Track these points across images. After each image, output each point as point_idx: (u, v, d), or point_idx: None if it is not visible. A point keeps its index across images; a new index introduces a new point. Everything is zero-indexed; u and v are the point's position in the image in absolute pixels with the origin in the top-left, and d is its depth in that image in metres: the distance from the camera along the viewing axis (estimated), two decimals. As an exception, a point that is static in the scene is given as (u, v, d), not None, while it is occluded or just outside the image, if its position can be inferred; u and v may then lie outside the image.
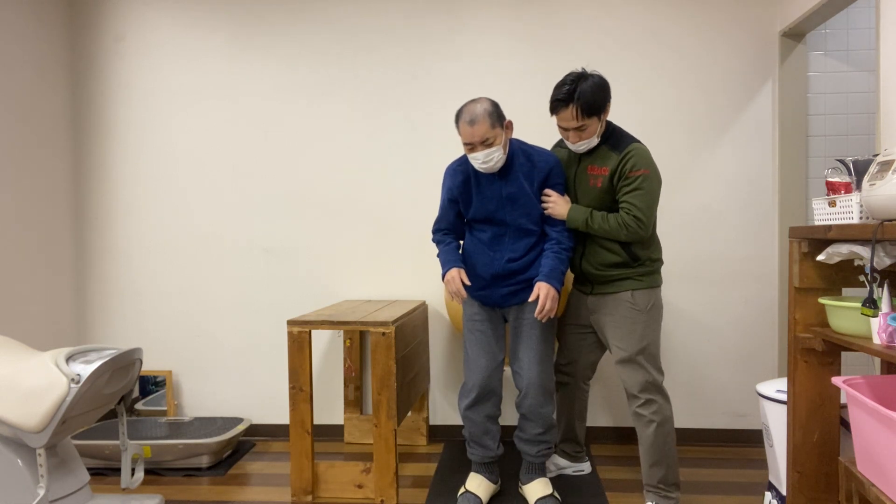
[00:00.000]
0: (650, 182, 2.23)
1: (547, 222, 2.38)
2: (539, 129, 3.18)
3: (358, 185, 3.30)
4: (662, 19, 3.14)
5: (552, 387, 2.39)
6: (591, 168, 2.32)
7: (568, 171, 2.42)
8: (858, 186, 1.88)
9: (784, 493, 2.19)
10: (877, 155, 1.77)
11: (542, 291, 2.24)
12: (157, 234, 3.39)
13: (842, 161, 1.95)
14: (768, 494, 2.33)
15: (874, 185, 1.63)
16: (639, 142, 2.28)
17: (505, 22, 3.20)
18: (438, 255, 2.45)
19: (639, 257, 2.32)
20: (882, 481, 1.53)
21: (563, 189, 2.39)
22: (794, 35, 3.06)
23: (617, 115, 3.14)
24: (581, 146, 2.30)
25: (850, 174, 1.92)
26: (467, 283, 2.32)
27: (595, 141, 2.29)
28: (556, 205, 2.33)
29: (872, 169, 1.69)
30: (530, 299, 2.27)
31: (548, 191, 2.35)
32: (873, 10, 3.13)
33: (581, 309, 2.50)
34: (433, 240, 2.51)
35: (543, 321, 2.34)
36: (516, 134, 3.19)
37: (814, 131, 3.15)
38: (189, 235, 3.38)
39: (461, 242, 2.50)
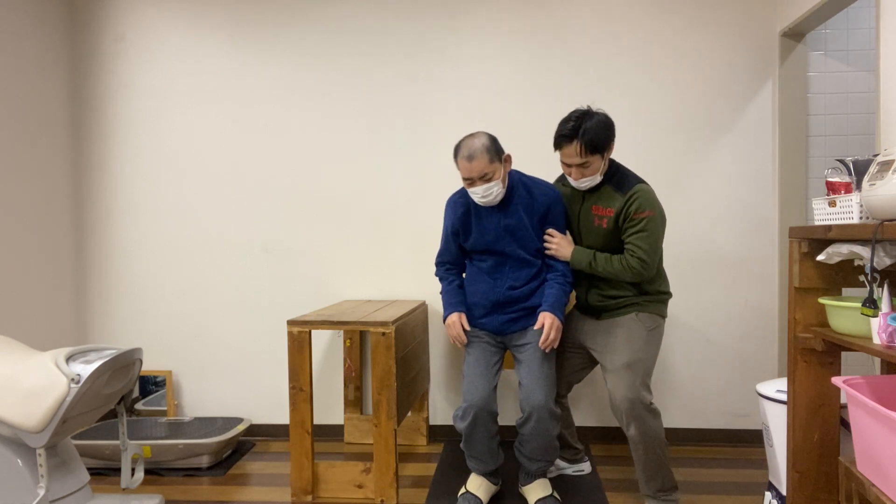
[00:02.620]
0: (654, 223, 2.24)
1: (549, 257, 2.41)
2: (540, 131, 3.18)
3: (358, 185, 3.30)
4: (662, 19, 3.14)
5: (557, 410, 2.32)
6: (596, 208, 2.33)
7: (571, 208, 2.42)
8: (858, 186, 1.88)
9: (784, 493, 2.19)
10: (877, 155, 1.77)
11: (547, 322, 2.27)
12: (157, 234, 3.39)
13: (842, 161, 1.95)
14: (768, 494, 2.33)
15: (874, 185, 1.63)
16: (643, 182, 2.29)
17: (504, 24, 3.20)
18: (441, 294, 2.50)
19: (647, 291, 2.35)
20: (882, 481, 1.53)
21: (565, 225, 2.42)
22: (794, 35, 3.06)
23: (618, 114, 3.14)
24: (584, 183, 2.30)
25: (850, 174, 1.92)
26: (467, 328, 2.37)
27: (598, 178, 2.30)
28: (560, 247, 2.36)
29: (872, 169, 1.69)
30: (535, 328, 2.30)
31: (550, 231, 2.38)
32: (873, 10, 3.13)
33: (575, 331, 2.49)
34: (436, 274, 2.55)
35: (547, 351, 2.35)
36: (515, 140, 3.19)
37: (814, 131, 3.15)
38: (189, 235, 3.38)
39: (464, 276, 2.52)
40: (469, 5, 3.22)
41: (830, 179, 1.97)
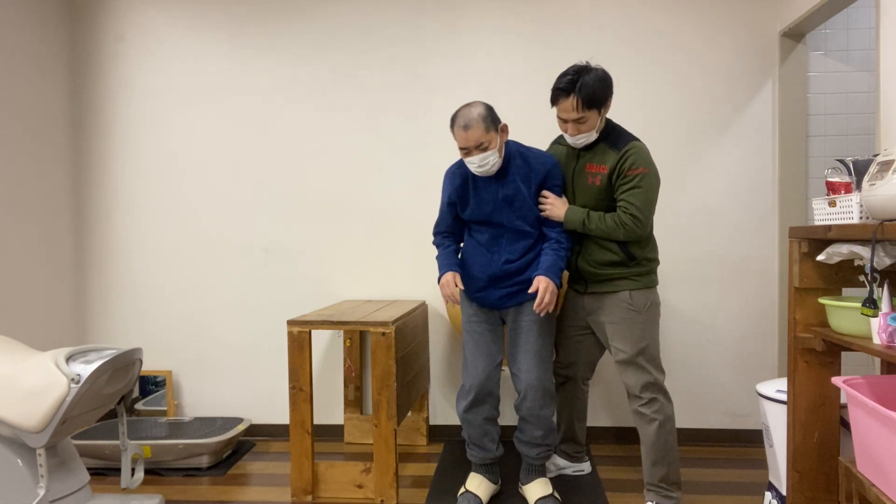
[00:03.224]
0: (649, 180, 2.23)
1: (545, 224, 2.38)
2: (537, 127, 3.18)
3: (358, 184, 3.30)
4: (662, 19, 3.14)
5: (552, 388, 2.38)
6: (590, 166, 2.32)
7: (566, 167, 2.41)
8: (858, 186, 1.88)
9: (784, 493, 2.19)
10: (877, 155, 1.77)
11: (542, 285, 2.24)
12: (157, 234, 3.39)
13: (842, 161, 1.95)
14: (768, 494, 2.33)
15: (874, 185, 1.63)
16: (638, 140, 2.27)
17: (504, 21, 3.20)
18: (437, 258, 2.47)
19: (635, 256, 2.32)
20: (882, 481, 1.53)
21: (561, 191, 2.39)
22: (794, 35, 3.06)
23: (617, 114, 3.14)
24: (579, 139, 2.29)
25: (850, 174, 1.92)
26: (461, 287, 2.33)
27: (594, 135, 2.28)
28: (554, 206, 2.33)
29: (872, 169, 1.69)
30: (529, 291, 2.27)
31: (545, 192, 2.36)
32: (873, 10, 3.13)
33: (578, 310, 2.49)
34: (433, 242, 2.53)
35: (542, 315, 2.33)
36: (515, 134, 3.19)
37: (814, 131, 3.15)
38: (189, 235, 3.38)
39: (461, 245, 2.51)
40: (469, 2, 3.22)
41: (830, 179, 1.97)
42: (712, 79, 3.13)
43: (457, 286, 2.31)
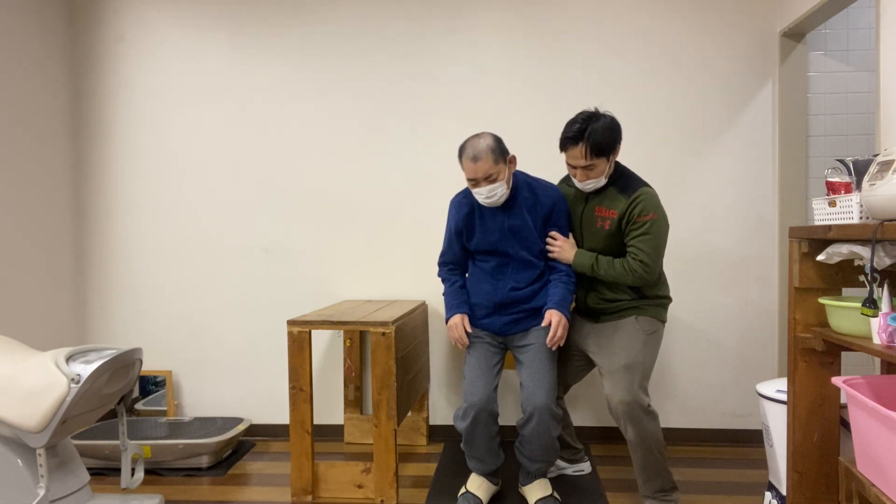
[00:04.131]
0: (658, 227, 2.24)
1: (551, 258, 2.42)
2: (539, 130, 3.18)
3: (358, 185, 3.30)
4: (662, 19, 3.14)
5: (558, 411, 2.32)
6: (599, 210, 2.33)
7: (575, 209, 2.42)
8: (858, 186, 1.88)
9: (784, 493, 2.19)
10: (877, 155, 1.77)
11: (555, 319, 2.27)
12: (157, 234, 3.39)
13: (842, 161, 1.95)
14: (768, 494, 2.33)
15: (874, 185, 1.63)
16: (648, 185, 2.29)
17: (503, 24, 3.20)
18: (444, 295, 2.49)
19: (646, 295, 2.35)
20: (882, 481, 1.53)
21: (567, 226, 2.41)
22: (794, 35, 3.06)
23: (618, 114, 3.13)
24: (588, 185, 2.30)
25: (850, 174, 1.92)
26: (469, 330, 2.37)
27: (603, 181, 2.30)
28: (562, 250, 2.36)
29: (872, 169, 1.69)
30: (542, 325, 2.29)
31: (553, 234, 2.38)
32: (873, 10, 3.13)
33: (574, 334, 2.49)
34: (439, 274, 2.55)
35: (553, 349, 2.35)
36: (517, 137, 3.19)
37: (814, 131, 3.15)
38: (189, 235, 3.38)
39: (467, 276, 2.52)
40: (468, 5, 3.22)
41: (830, 179, 1.97)
42: (712, 79, 3.13)
43: (466, 329, 2.35)
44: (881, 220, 1.61)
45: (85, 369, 1.94)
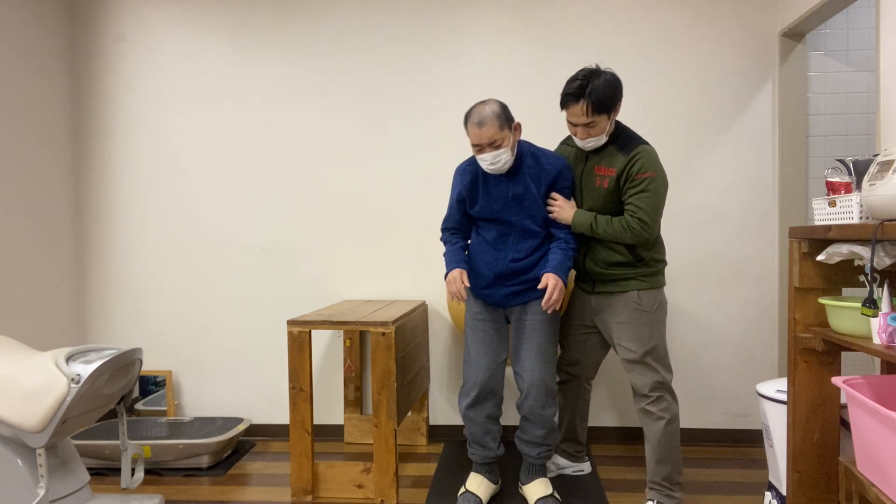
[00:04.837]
0: (656, 184, 2.23)
1: (552, 225, 2.39)
2: (540, 128, 3.18)
3: (358, 184, 3.30)
4: (662, 19, 3.14)
5: (554, 388, 2.38)
6: (598, 168, 2.32)
7: (574, 169, 2.42)
8: (858, 186, 1.88)
9: (784, 493, 2.19)
10: (877, 155, 1.77)
11: (551, 282, 2.24)
12: (157, 234, 3.39)
13: (842, 161, 1.95)
14: (768, 494, 2.33)
15: (874, 185, 1.63)
16: (647, 143, 2.28)
17: (505, 22, 3.20)
18: (444, 255, 2.48)
19: (643, 258, 2.33)
20: (882, 481, 1.53)
21: (570, 193, 2.40)
22: (794, 35, 3.06)
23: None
24: (589, 143, 2.29)
25: (850, 174, 1.92)
26: (467, 284, 2.33)
27: (603, 139, 2.29)
28: (562, 209, 2.35)
29: (872, 169, 1.69)
30: (538, 287, 2.27)
31: (554, 194, 2.37)
32: (873, 10, 3.13)
33: (585, 310, 2.49)
34: (441, 239, 2.54)
35: (549, 312, 2.33)
36: (516, 134, 3.19)
37: (814, 131, 3.15)
38: (189, 235, 3.38)
39: (469, 243, 2.51)
40: (469, 4, 3.22)
41: (830, 179, 1.97)
42: (712, 79, 3.13)
43: (464, 283, 2.32)
44: (881, 220, 1.61)
45: (85, 369, 1.94)
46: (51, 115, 3.26)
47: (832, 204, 1.91)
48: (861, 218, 1.79)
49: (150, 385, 3.38)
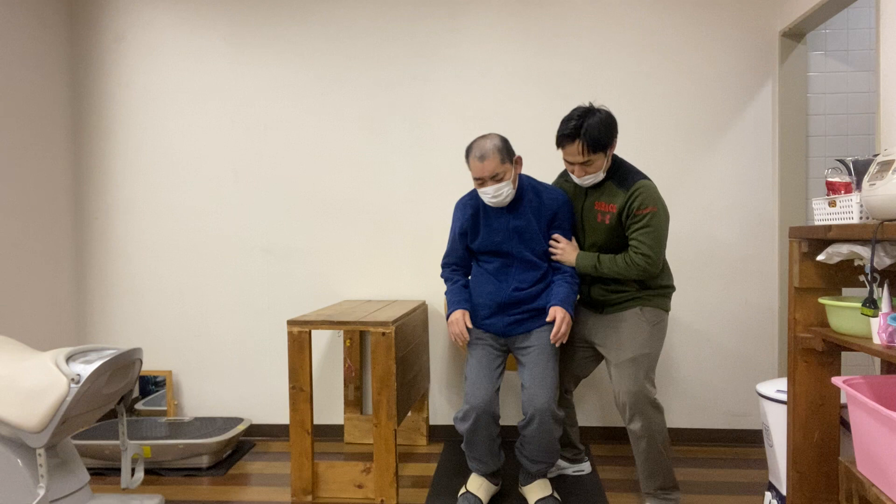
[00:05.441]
0: (658, 219, 2.24)
1: (554, 260, 2.43)
2: (536, 130, 3.18)
3: (358, 184, 3.30)
4: (662, 19, 3.14)
5: (558, 412, 2.32)
6: (599, 204, 2.33)
7: (574, 204, 2.43)
8: (858, 186, 1.88)
9: (784, 493, 2.19)
10: (877, 155, 1.77)
11: (559, 315, 2.29)
12: (156, 234, 3.39)
13: (842, 161, 1.95)
14: (768, 494, 2.33)
15: (874, 185, 1.63)
16: (646, 178, 2.30)
17: (504, 24, 3.20)
18: (446, 294, 2.50)
19: (649, 286, 2.36)
20: (882, 481, 1.53)
21: (571, 230, 2.42)
22: (794, 35, 3.06)
23: (618, 114, 3.14)
24: (587, 181, 2.31)
25: (850, 174, 1.92)
26: (470, 325, 2.37)
27: (601, 176, 2.30)
28: (564, 252, 2.38)
29: (872, 169, 1.69)
30: (547, 320, 2.31)
31: (556, 236, 2.39)
32: (873, 10, 3.13)
33: (580, 326, 2.49)
34: (442, 275, 2.56)
35: (557, 345, 2.36)
36: (514, 137, 3.19)
37: (814, 131, 3.15)
38: (189, 235, 3.38)
39: (469, 279, 2.53)
40: (469, 5, 3.22)
41: (830, 179, 1.97)
42: (712, 79, 3.13)
43: (467, 325, 2.35)
44: (881, 220, 1.61)
45: (85, 369, 1.94)
46: (50, 115, 3.26)
47: (832, 204, 1.91)
48: (861, 218, 1.79)
49: (150, 385, 3.38)
